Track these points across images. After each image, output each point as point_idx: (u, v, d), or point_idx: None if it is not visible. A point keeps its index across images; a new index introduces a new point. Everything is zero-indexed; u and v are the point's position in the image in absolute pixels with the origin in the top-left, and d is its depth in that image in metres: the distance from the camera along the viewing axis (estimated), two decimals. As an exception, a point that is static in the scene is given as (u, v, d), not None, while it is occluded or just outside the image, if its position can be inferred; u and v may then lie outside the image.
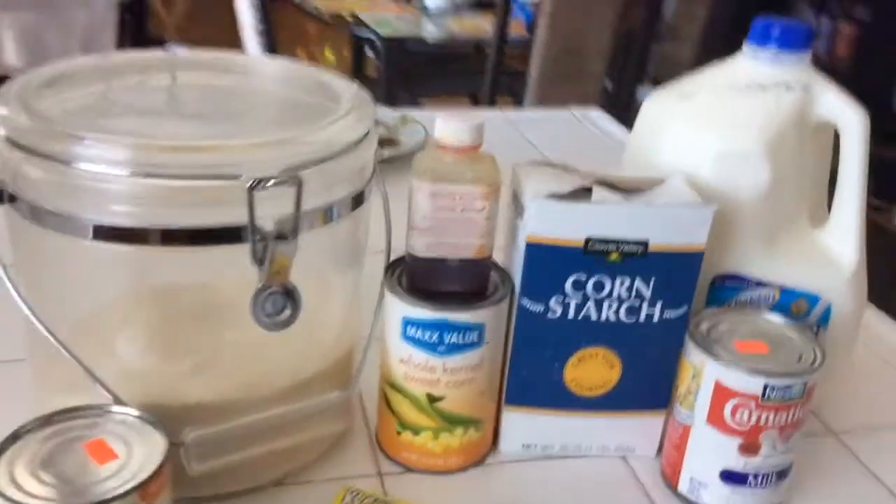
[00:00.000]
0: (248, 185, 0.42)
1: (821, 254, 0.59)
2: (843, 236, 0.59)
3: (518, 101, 2.21)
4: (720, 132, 0.57)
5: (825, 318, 0.59)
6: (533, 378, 0.55)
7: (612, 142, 1.18)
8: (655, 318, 0.54)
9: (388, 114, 1.20)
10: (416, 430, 0.54)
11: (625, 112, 1.28)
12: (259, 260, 0.43)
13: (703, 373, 0.52)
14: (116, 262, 0.46)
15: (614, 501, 0.55)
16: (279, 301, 0.43)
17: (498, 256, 0.55)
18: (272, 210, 0.44)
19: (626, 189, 0.54)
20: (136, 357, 0.50)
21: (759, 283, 0.58)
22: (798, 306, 0.59)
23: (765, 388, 0.50)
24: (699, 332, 0.53)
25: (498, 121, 1.24)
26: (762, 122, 0.56)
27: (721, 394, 0.51)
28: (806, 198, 0.60)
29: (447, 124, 0.49)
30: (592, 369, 0.55)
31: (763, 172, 0.56)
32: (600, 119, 1.28)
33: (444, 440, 0.54)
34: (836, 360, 0.61)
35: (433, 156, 0.50)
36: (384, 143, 1.10)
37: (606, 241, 0.51)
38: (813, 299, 0.59)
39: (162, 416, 0.43)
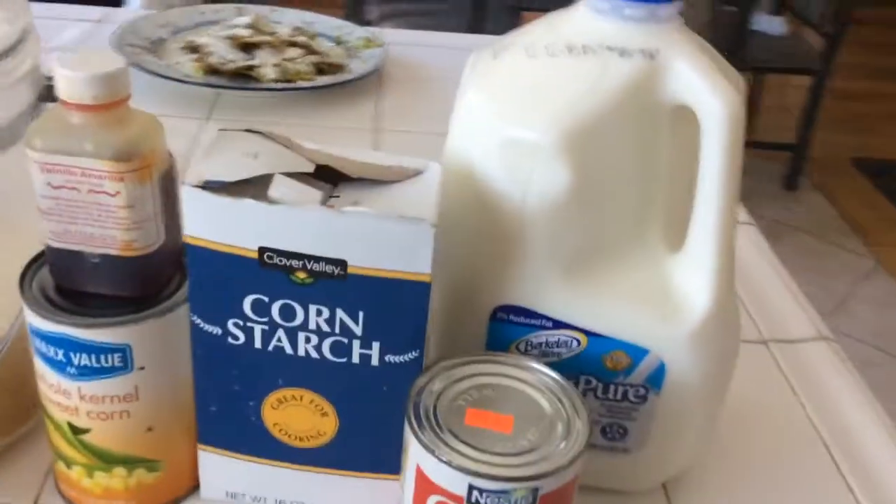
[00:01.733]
0: None
1: (659, 291, 0.42)
2: (693, 269, 0.42)
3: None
4: (509, 112, 0.40)
5: (656, 380, 0.43)
6: (226, 416, 0.42)
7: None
8: (374, 362, 0.39)
9: (355, 31, 1.05)
10: (67, 463, 0.42)
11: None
12: None
13: (408, 449, 0.37)
14: None
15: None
16: None
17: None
18: None
19: (361, 180, 0.39)
20: None
21: (559, 324, 0.42)
22: (615, 360, 0.43)
23: (470, 489, 0.35)
24: (425, 391, 0.38)
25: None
26: (570, 99, 0.39)
27: (423, 485, 0.36)
28: (654, 211, 0.43)
29: (60, 70, 0.35)
30: (298, 415, 0.41)
31: (559, 173, 0.39)
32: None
33: (102, 480, 0.42)
34: (678, 436, 0.45)
35: (58, 113, 0.37)
36: (323, 68, 0.95)
37: (289, 255, 0.37)
38: (637, 353, 0.42)
39: None
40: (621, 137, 0.40)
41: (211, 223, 0.36)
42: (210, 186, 0.36)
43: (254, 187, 0.37)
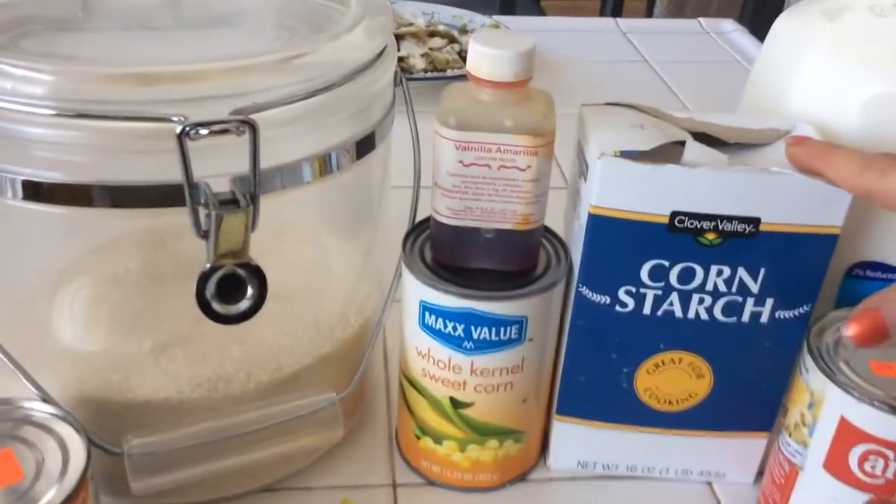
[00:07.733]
0: (179, 130, 0.30)
1: None
2: None
3: (650, 7, 1.98)
4: (873, 66, 0.41)
5: None
6: (594, 385, 0.42)
7: (745, 64, 1.00)
8: (764, 319, 0.40)
9: (474, 18, 1.05)
10: (437, 439, 0.43)
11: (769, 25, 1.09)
12: (202, 232, 0.31)
13: (823, 401, 0.38)
14: (48, 224, 0.36)
15: (690, 545, 0.42)
16: (232, 286, 0.32)
17: (556, 225, 0.43)
18: (234, 162, 0.32)
19: (733, 143, 0.39)
20: (77, 339, 0.40)
21: (918, 276, 0.43)
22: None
23: (914, 436, 0.35)
24: (822, 343, 0.39)
25: (609, 32, 1.07)
26: (941, 53, 0.40)
27: (847, 434, 0.37)
28: None
29: (481, 48, 0.36)
30: (674, 378, 0.42)
31: (934, 124, 0.40)
32: (734, 33, 1.09)
33: (473, 453, 0.43)
34: None
35: (465, 92, 0.37)
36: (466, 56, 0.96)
37: (701, 217, 0.37)
38: None
39: (100, 417, 0.34)
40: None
41: (624, 192, 0.37)
42: (628, 155, 0.37)
43: (660, 153, 0.37)
